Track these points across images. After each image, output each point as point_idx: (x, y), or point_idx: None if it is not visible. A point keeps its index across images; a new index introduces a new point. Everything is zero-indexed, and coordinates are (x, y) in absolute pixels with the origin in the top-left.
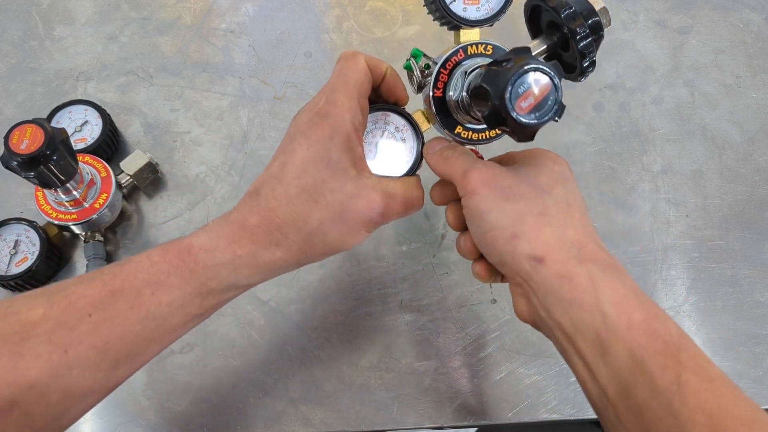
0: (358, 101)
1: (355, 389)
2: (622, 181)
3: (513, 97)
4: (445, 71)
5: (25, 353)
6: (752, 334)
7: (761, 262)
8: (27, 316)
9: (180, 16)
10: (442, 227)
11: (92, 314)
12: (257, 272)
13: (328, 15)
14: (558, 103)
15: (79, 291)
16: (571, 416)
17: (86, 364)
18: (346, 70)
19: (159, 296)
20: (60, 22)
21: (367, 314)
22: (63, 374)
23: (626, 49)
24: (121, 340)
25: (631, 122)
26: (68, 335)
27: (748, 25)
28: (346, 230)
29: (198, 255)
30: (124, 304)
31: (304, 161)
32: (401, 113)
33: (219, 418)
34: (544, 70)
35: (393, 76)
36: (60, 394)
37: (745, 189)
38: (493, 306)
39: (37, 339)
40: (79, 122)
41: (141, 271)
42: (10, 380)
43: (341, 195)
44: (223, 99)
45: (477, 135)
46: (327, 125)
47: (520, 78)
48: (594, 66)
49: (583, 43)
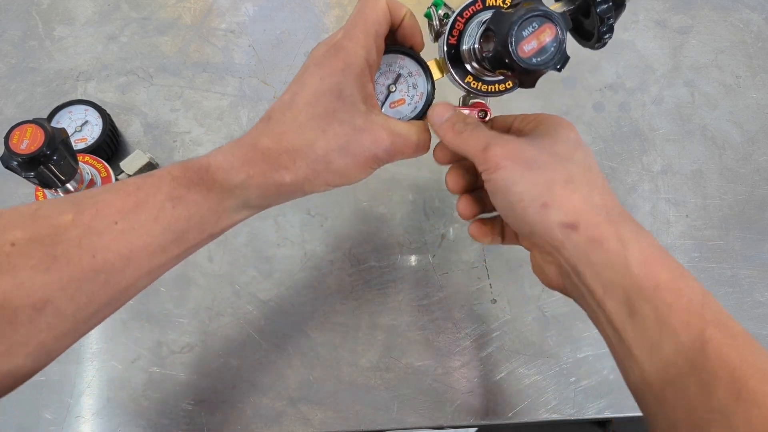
0: (374, 39)
1: (355, 389)
2: (622, 181)
3: (516, 40)
4: (461, 19)
5: (58, 255)
6: (752, 333)
7: (761, 262)
8: (58, 220)
9: (180, 16)
10: (442, 227)
11: (118, 222)
12: (267, 193)
13: (328, 15)
14: (561, 51)
15: (105, 199)
16: (571, 416)
17: (112, 270)
18: (366, 9)
19: (179, 210)
20: (60, 22)
21: (367, 314)
22: (91, 279)
23: (626, 49)
24: (144, 250)
25: (631, 122)
26: (97, 240)
27: (748, 25)
28: (351, 162)
29: (216, 174)
30: (147, 215)
31: (316, 91)
32: (416, 58)
33: (219, 418)
34: (549, 16)
35: (411, 20)
36: (87, 298)
37: (745, 189)
38: (493, 306)
39: (68, 243)
40: (79, 122)
41: (163, 184)
42: (45, 280)
43: (349, 127)
44: (223, 99)
45: (486, 87)
46: (341, 58)
47: (524, 21)
48: (612, 32)
49: (602, 6)
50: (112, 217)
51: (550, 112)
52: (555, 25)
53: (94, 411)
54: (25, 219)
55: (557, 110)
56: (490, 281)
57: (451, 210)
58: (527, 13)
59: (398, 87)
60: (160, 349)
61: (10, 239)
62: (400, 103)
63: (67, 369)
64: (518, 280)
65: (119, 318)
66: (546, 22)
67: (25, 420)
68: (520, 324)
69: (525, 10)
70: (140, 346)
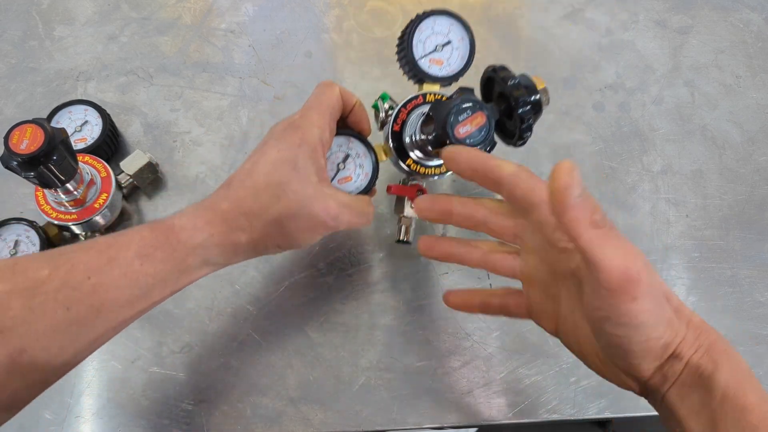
0: (328, 121)
1: (355, 389)
2: (622, 181)
3: (453, 124)
4: (405, 110)
5: (35, 307)
6: (752, 334)
7: (761, 262)
8: (36, 275)
9: (180, 16)
10: (441, 227)
11: (91, 277)
12: (225, 252)
13: (328, 15)
14: (489, 135)
15: (78, 256)
16: (571, 416)
17: (83, 322)
18: (322, 95)
19: (146, 268)
20: (60, 22)
21: (367, 314)
22: (64, 330)
23: (626, 49)
24: (113, 303)
25: (631, 122)
26: (71, 294)
27: (748, 25)
28: (301, 227)
29: (179, 234)
30: (118, 271)
31: (274, 161)
32: (363, 141)
33: (219, 418)
34: (480, 105)
35: (360, 108)
36: (58, 348)
37: (745, 189)
38: None
39: (46, 296)
40: (79, 122)
41: (133, 243)
42: (23, 330)
43: (302, 196)
44: (223, 99)
45: (425, 170)
46: (298, 135)
47: (460, 108)
48: (531, 131)
49: (523, 109)
50: (85, 273)
51: (550, 111)
52: (485, 113)
53: (94, 411)
54: (4, 272)
55: (558, 110)
56: (490, 281)
57: None
58: (462, 102)
59: (346, 165)
60: (160, 349)
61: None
62: (348, 180)
63: None
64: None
65: None
66: (478, 110)
67: (25, 420)
68: (520, 324)
69: (460, 99)
70: (140, 346)
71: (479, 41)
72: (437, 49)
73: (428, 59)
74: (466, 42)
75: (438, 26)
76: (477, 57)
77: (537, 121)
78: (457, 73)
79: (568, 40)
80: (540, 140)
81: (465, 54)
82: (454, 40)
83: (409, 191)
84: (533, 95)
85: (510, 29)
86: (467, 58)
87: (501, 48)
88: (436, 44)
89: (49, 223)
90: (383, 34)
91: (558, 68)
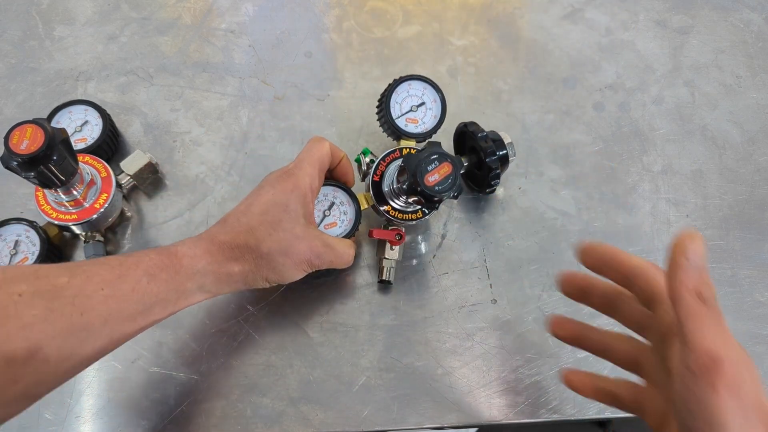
0: (318, 172)
1: (355, 389)
2: (623, 181)
3: (422, 173)
4: (384, 162)
5: (55, 309)
6: (752, 333)
7: (761, 262)
8: (56, 281)
9: (180, 16)
10: (442, 227)
11: (104, 289)
12: (219, 280)
13: (328, 15)
14: (456, 183)
15: (93, 269)
16: (571, 416)
17: (92, 329)
18: (314, 148)
19: (152, 286)
20: (60, 22)
21: (368, 314)
22: (76, 334)
23: (626, 49)
24: (119, 315)
25: (631, 122)
26: (86, 301)
27: (749, 25)
28: (288, 263)
29: (182, 260)
30: (127, 286)
31: (268, 203)
32: (347, 191)
33: (219, 418)
34: (446, 156)
35: (346, 161)
36: (69, 351)
37: (745, 189)
38: (494, 306)
39: (64, 300)
40: (79, 122)
41: (141, 263)
42: (42, 328)
43: (291, 235)
44: (223, 99)
45: (402, 215)
46: (291, 182)
47: (427, 159)
48: (498, 179)
49: (491, 158)
50: (99, 284)
51: (551, 111)
52: (451, 163)
53: (94, 411)
54: (28, 276)
55: (558, 110)
56: (490, 281)
57: (451, 210)
58: (430, 154)
59: (332, 212)
60: (160, 349)
61: (17, 291)
62: (333, 225)
63: None
64: (518, 280)
65: None
66: (444, 161)
67: (24, 420)
68: (520, 324)
69: (428, 151)
70: (140, 346)
71: (479, 41)
72: (412, 109)
73: (405, 118)
74: (438, 103)
75: (413, 89)
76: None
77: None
78: (431, 131)
79: (568, 40)
80: (540, 140)
81: (437, 113)
82: (427, 101)
83: (389, 234)
84: (500, 150)
85: (510, 29)
86: (439, 116)
87: (501, 48)
88: (411, 105)
89: (49, 223)
90: (383, 34)
91: (558, 68)
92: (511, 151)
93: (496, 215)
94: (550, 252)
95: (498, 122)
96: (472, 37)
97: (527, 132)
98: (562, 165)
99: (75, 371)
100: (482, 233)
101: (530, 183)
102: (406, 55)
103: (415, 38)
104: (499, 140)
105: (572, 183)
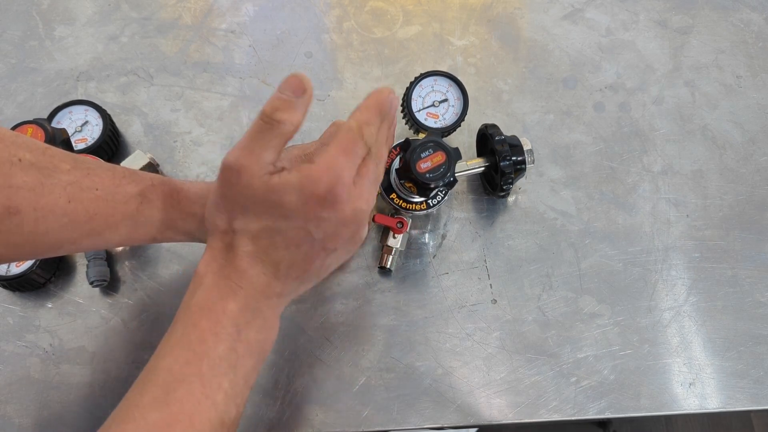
0: None
1: (355, 389)
2: (623, 181)
3: (415, 159)
4: (395, 151)
5: (45, 185)
6: (753, 334)
7: (761, 262)
8: (59, 163)
9: (180, 16)
10: (442, 227)
11: (99, 190)
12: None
13: (328, 15)
14: (449, 172)
15: (98, 170)
16: (571, 416)
17: (74, 219)
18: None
19: (144, 207)
20: (60, 22)
21: (368, 314)
22: (57, 217)
23: (626, 49)
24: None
25: (631, 122)
26: (78, 193)
27: (749, 25)
28: None
29: (182, 200)
30: (121, 198)
31: None
32: None
33: None
34: (441, 145)
35: None
36: (45, 228)
37: (745, 189)
38: (494, 306)
39: (58, 181)
40: (79, 122)
41: (144, 183)
42: (26, 195)
43: None
44: (223, 99)
45: (406, 204)
46: None
47: (421, 147)
48: (511, 184)
49: (504, 162)
50: (96, 184)
51: (551, 111)
52: (445, 153)
53: (95, 412)
54: (35, 148)
55: (558, 110)
56: (490, 281)
57: (451, 210)
58: (425, 142)
59: None
60: None
61: (19, 155)
62: None
63: (67, 369)
64: (518, 280)
65: (119, 318)
66: (439, 150)
67: (24, 420)
68: (521, 324)
69: (424, 139)
70: (140, 347)
71: (480, 41)
72: (434, 104)
73: (425, 112)
74: (461, 101)
75: (438, 85)
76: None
77: (521, 175)
78: (449, 127)
79: (568, 40)
80: (540, 140)
81: (459, 111)
82: (451, 98)
83: (391, 221)
84: (518, 155)
85: (510, 29)
86: (460, 114)
87: (501, 48)
88: (434, 100)
89: None
90: (383, 34)
91: (558, 68)
92: (529, 158)
93: (496, 215)
94: (550, 252)
95: (498, 122)
96: (473, 37)
97: (527, 132)
98: (563, 165)
99: (51, 250)
100: (482, 233)
101: (530, 183)
102: (406, 55)
103: (416, 38)
104: (518, 146)
105: (572, 183)
